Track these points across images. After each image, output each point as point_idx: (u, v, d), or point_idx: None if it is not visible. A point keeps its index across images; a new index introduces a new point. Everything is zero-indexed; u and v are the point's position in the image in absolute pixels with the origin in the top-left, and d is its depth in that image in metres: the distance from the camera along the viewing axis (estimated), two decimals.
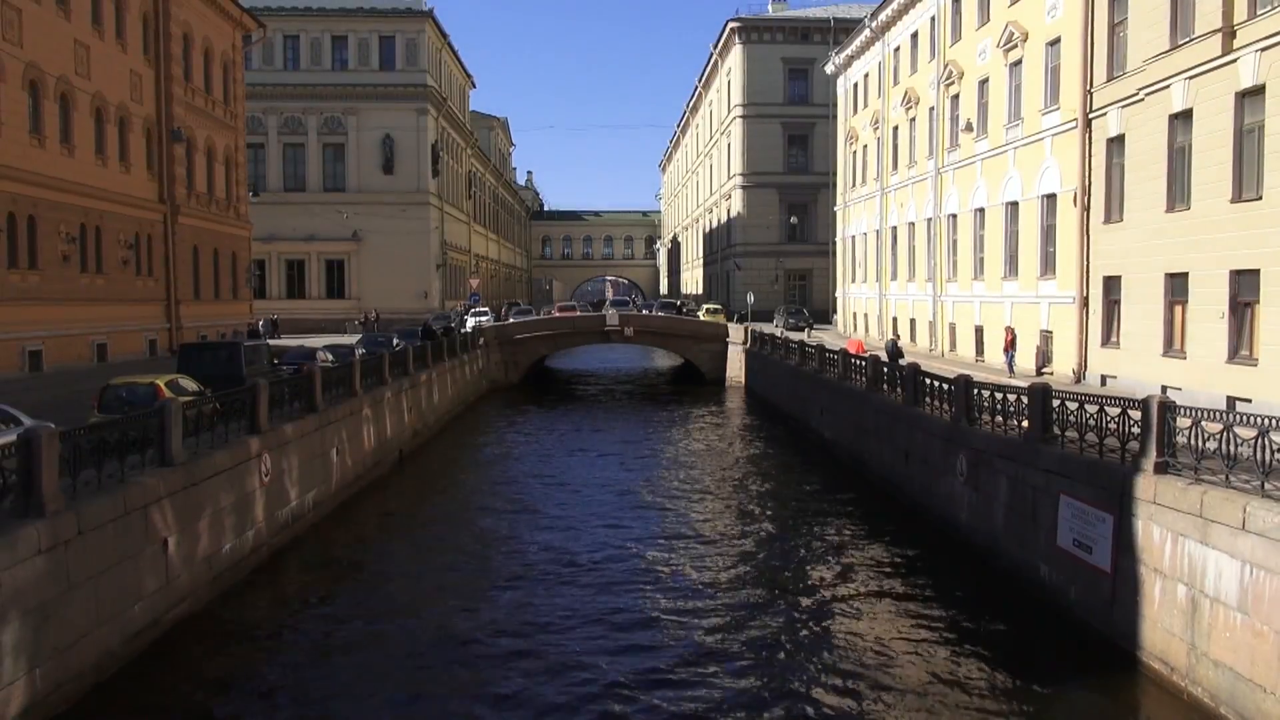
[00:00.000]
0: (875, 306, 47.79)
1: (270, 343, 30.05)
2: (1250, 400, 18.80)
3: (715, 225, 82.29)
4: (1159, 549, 11.69)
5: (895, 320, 44.05)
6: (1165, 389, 20.88)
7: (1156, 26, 22.67)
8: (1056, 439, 14.68)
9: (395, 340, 38.45)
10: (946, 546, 17.80)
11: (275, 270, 63.49)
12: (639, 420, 37.33)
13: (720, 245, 78.87)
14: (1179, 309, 22.08)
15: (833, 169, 59.36)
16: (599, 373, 58.08)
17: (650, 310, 62.65)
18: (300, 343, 40.01)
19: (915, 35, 41.36)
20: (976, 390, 18.00)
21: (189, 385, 19.63)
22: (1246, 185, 19.60)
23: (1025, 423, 15.67)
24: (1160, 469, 11.93)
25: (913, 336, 41.28)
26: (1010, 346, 29.73)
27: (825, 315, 60.82)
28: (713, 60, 78.21)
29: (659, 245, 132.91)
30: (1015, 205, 31.41)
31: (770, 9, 72.01)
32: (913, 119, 41.70)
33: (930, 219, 39.08)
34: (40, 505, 10.83)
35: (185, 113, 40.34)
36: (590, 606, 14.83)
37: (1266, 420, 10.62)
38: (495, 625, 14.13)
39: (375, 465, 25.06)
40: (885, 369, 24.69)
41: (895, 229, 44.51)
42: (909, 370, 21.98)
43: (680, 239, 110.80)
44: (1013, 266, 31.66)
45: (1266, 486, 10.43)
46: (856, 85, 51.75)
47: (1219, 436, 11.09)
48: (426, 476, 26.49)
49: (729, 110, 72.27)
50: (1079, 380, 26.31)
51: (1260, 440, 10.52)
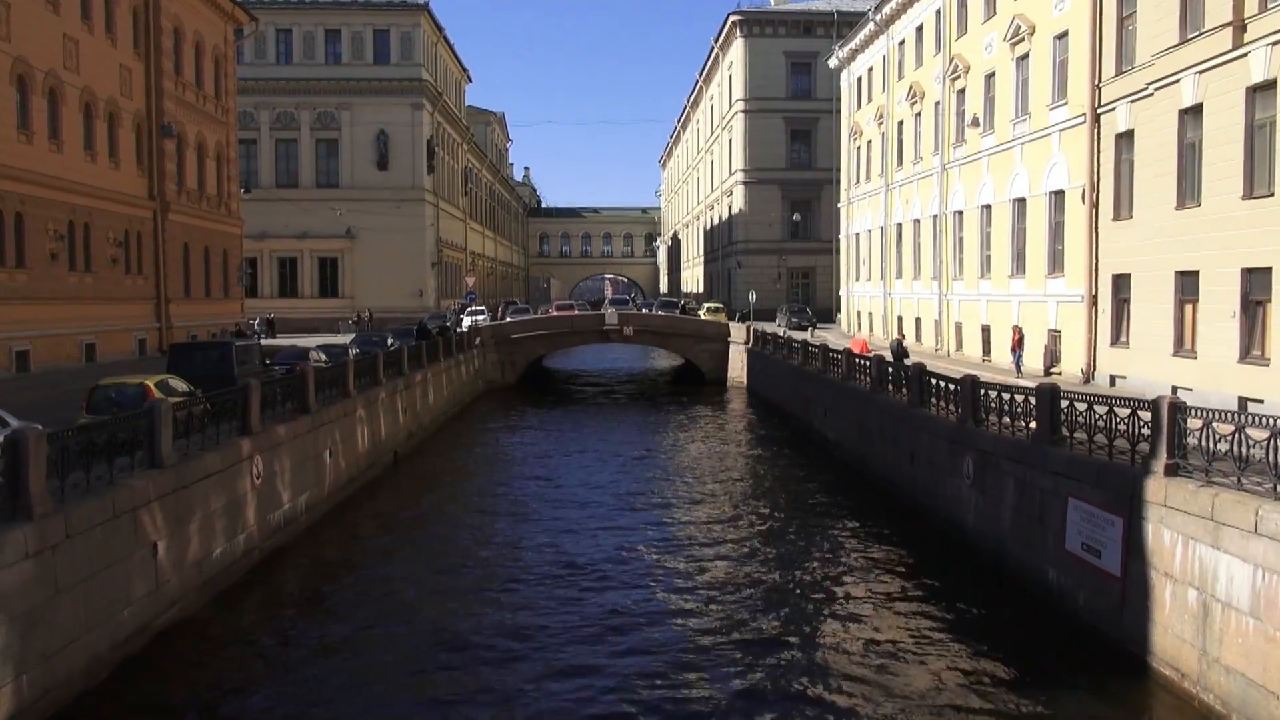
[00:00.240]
0: (880, 305, 47.79)
1: (266, 342, 30.09)
2: (1263, 401, 18.79)
3: (716, 222, 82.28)
4: (1169, 553, 11.68)
5: (900, 319, 44.05)
6: (1176, 389, 20.87)
7: (1166, 20, 22.66)
8: (1065, 440, 14.68)
9: (390, 340, 38.44)
10: (952, 550, 17.79)
11: (267, 268, 63.50)
12: (638, 422, 37.32)
13: (721, 243, 78.87)
14: (1189, 308, 22.08)
15: (836, 165, 59.35)
16: (598, 373, 58.06)
17: (650, 309, 62.65)
18: (293, 342, 40.02)
19: (920, 29, 41.35)
20: (983, 391, 18.00)
21: (179, 386, 19.61)
22: (1258, 182, 19.59)
23: (1033, 424, 15.67)
24: (1171, 471, 11.92)
25: (918, 336, 41.27)
26: (1017, 346, 29.73)
27: (829, 314, 60.81)
28: (713, 54, 78.19)
29: (659, 243, 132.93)
30: (1022, 202, 31.41)
31: (772, 2, 72.00)
32: (918, 114, 41.70)
33: (936, 216, 39.08)
34: (28, 508, 10.82)
35: (176, 108, 40.33)
36: (589, 610, 14.84)
37: (1279, 421, 10.62)
38: (492, 630, 14.12)
39: (369, 467, 25.05)
40: (890, 369, 24.69)
41: (900, 226, 44.51)
42: (914, 370, 21.97)
43: (680, 236, 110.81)
44: (1020, 264, 31.66)
45: (1279, 489, 10.43)
46: (860, 79, 51.74)
47: (1230, 438, 11.08)
48: (422, 479, 26.47)
49: (730, 105, 72.27)
50: (1088, 380, 26.31)
51: (1273, 442, 10.52)
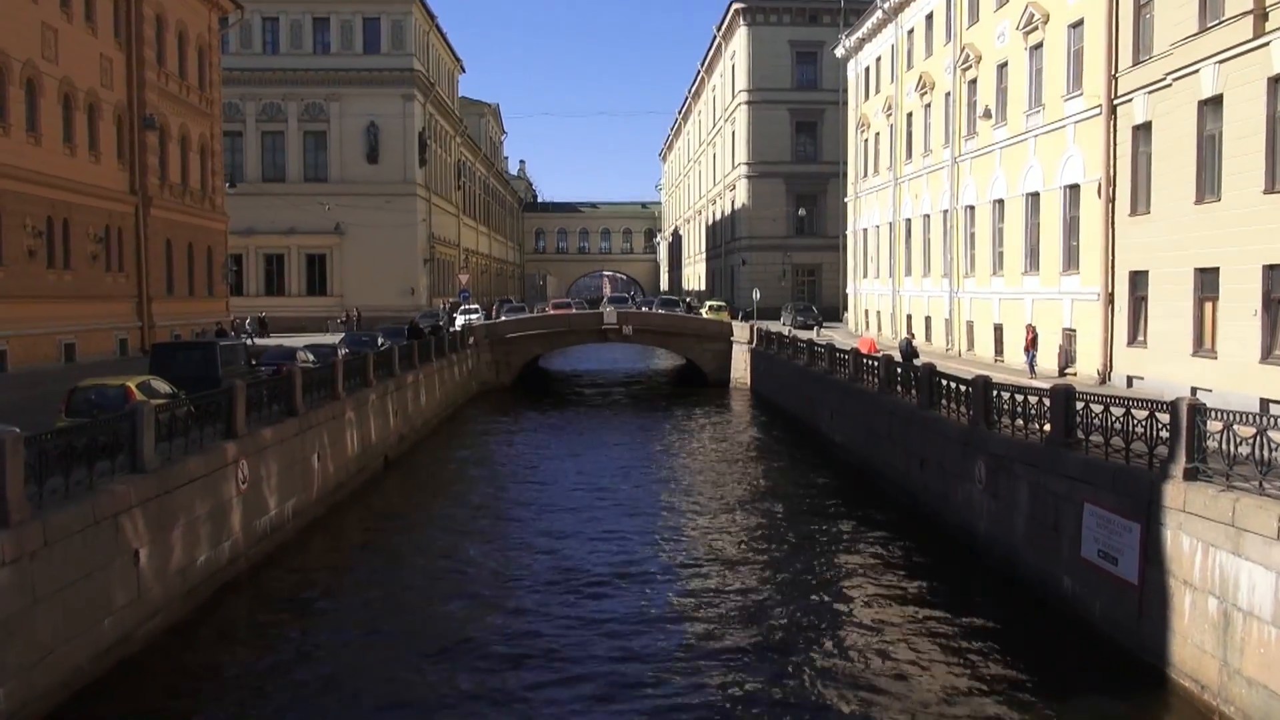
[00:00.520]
0: (888, 303, 47.80)
1: (259, 342, 30.01)
2: None
3: (719, 218, 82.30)
4: (1189, 560, 11.68)
5: (909, 318, 44.06)
6: (1195, 390, 20.86)
7: (1184, 8, 22.65)
8: (1080, 444, 14.67)
9: (380, 339, 38.43)
10: (964, 557, 17.80)
11: (253, 265, 63.45)
12: (638, 424, 37.31)
13: (724, 239, 78.89)
14: (1209, 306, 22.07)
15: (843, 158, 59.34)
16: (596, 374, 58.06)
17: (650, 308, 62.64)
18: (279, 342, 39.99)
19: (930, 16, 41.36)
20: (996, 392, 17.99)
21: (162, 387, 19.60)
22: None
23: (1047, 426, 15.66)
24: (1190, 475, 11.92)
25: (928, 335, 41.28)
26: (1031, 346, 29.74)
27: (835, 313, 60.81)
28: (716, 43, 78.20)
29: (659, 239, 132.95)
30: (1036, 196, 31.42)
31: None
32: (928, 105, 41.70)
33: (946, 211, 39.08)
34: (5, 515, 10.80)
35: (158, 99, 40.31)
36: (587, 619, 14.83)
37: None
38: (487, 640, 14.11)
39: (359, 472, 25.04)
40: (899, 370, 24.68)
41: (909, 221, 44.51)
42: (924, 371, 21.98)
43: (682, 232, 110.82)
44: (1034, 261, 31.67)
45: None
46: (868, 69, 51.75)
47: (1252, 441, 11.08)
48: (413, 484, 26.47)
49: (733, 96, 72.28)
50: (1104, 381, 26.32)
51: None
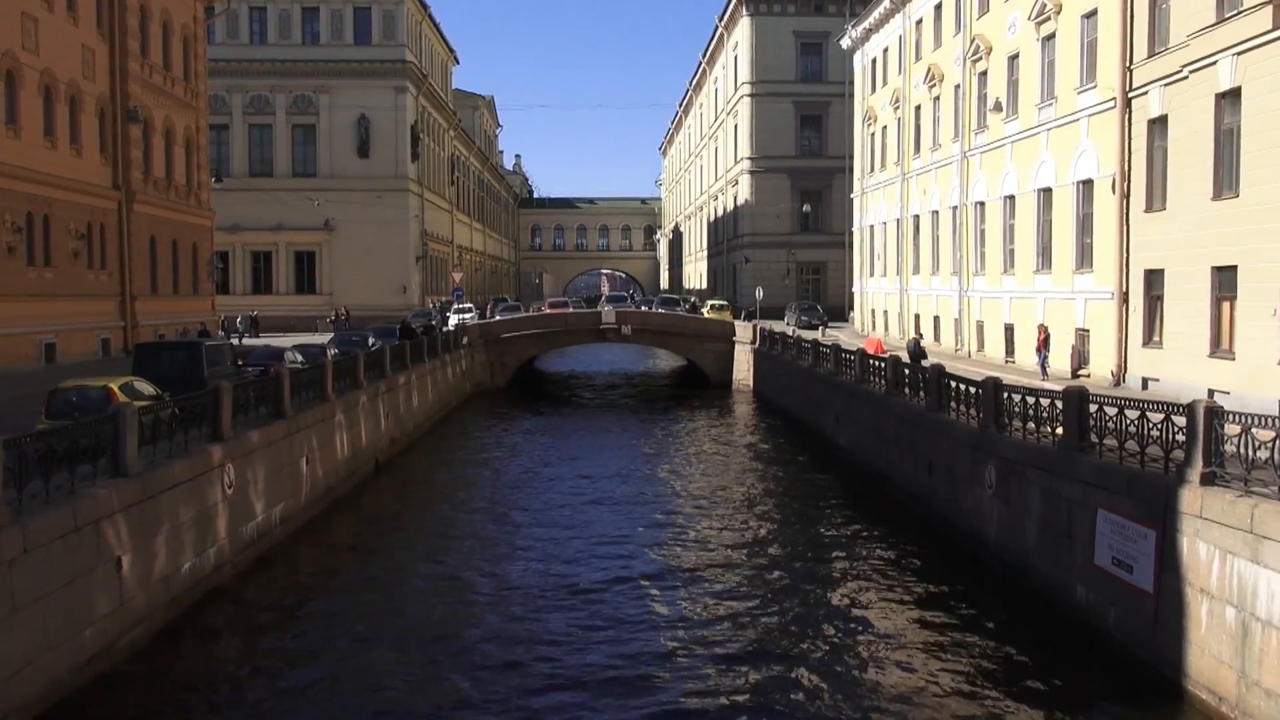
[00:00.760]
0: (896, 302, 47.82)
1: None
2: None
3: (721, 214, 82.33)
4: (1206, 567, 11.68)
5: (917, 318, 44.08)
6: (1212, 392, 20.87)
7: None
8: (1094, 447, 14.68)
9: (371, 339, 38.42)
10: (973, 565, 17.80)
11: (240, 263, 63.45)
12: (637, 427, 37.30)
13: (726, 236, 78.91)
14: (1227, 305, 22.08)
15: (849, 153, 59.36)
16: (594, 375, 58.07)
17: (650, 307, 62.65)
18: (267, 342, 39.98)
19: (939, 7, 41.39)
20: (1006, 394, 17.99)
21: (145, 389, 19.59)
22: None
23: (1059, 430, 15.67)
24: (1207, 480, 11.92)
25: (936, 335, 41.29)
26: (1043, 346, 29.75)
27: (841, 312, 60.82)
28: (718, 33, 78.23)
29: (659, 236, 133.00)
30: (1048, 192, 31.43)
31: None
32: (936, 98, 41.73)
33: (955, 207, 39.10)
34: None
35: (142, 91, 40.32)
36: (583, 635, 14.79)
37: None
38: (479, 651, 14.12)
39: (349, 476, 25.03)
40: (907, 371, 24.69)
41: (917, 218, 44.53)
42: (932, 372, 21.98)
43: (683, 229, 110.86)
44: (1046, 259, 31.68)
45: None
46: (875, 61, 51.77)
47: (1271, 444, 11.08)
48: (405, 489, 26.46)
49: (736, 88, 72.31)
50: (1118, 383, 26.33)
51: None
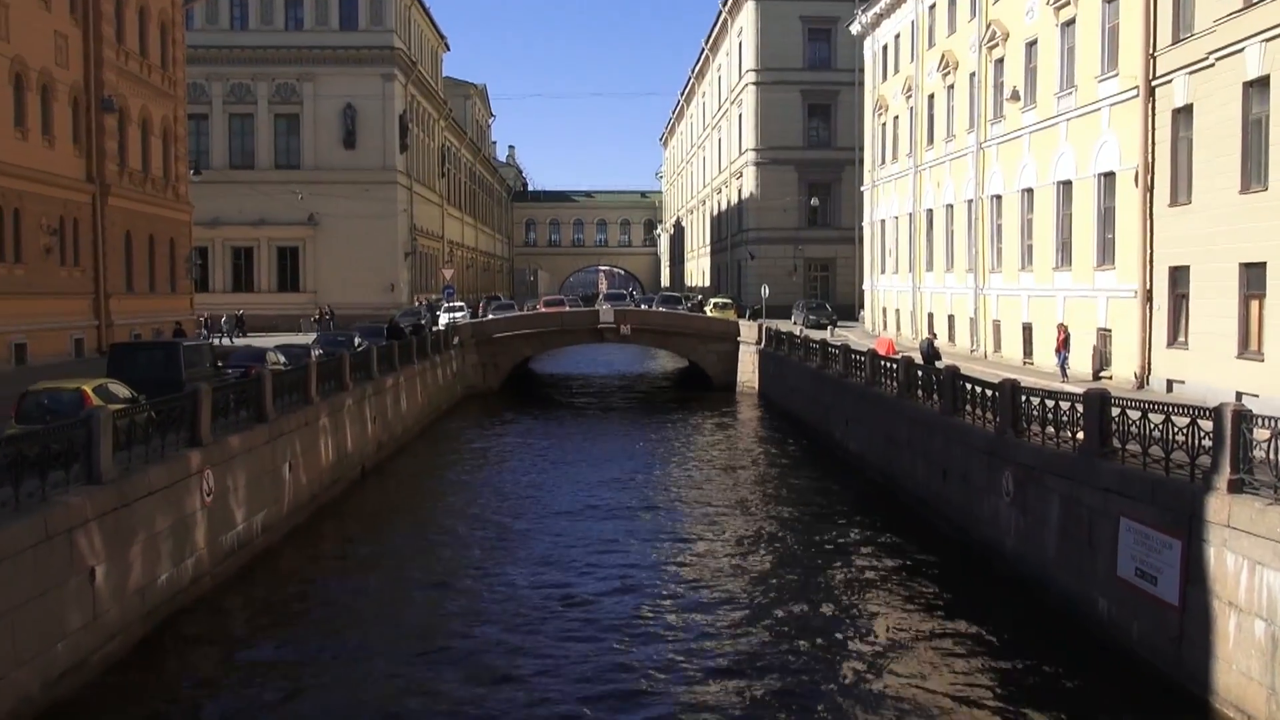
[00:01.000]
0: (908, 301, 47.81)
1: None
2: None
3: (724, 208, 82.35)
4: (1234, 579, 11.67)
5: (931, 317, 44.07)
6: (1240, 396, 20.87)
7: None
8: (1116, 453, 14.67)
9: (357, 340, 38.43)
10: (990, 576, 17.80)
11: (220, 259, 63.48)
12: (637, 432, 37.31)
13: (730, 231, 78.94)
14: (1255, 304, 22.07)
15: (859, 144, 59.34)
16: (591, 377, 58.07)
17: (650, 305, 62.68)
18: (248, 343, 40.00)
19: None
20: (1024, 397, 17.99)
21: (120, 391, 19.60)
22: None
23: (1080, 434, 15.66)
24: (1235, 487, 11.91)
25: (951, 335, 41.29)
26: (1063, 347, 29.73)
27: (851, 311, 60.82)
28: (721, 19, 78.25)
29: (660, 231, 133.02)
30: (1068, 185, 31.42)
31: None
32: (950, 86, 41.73)
33: (971, 201, 39.10)
34: None
35: (117, 79, 40.31)
36: (579, 654, 14.75)
37: None
38: (469, 668, 14.11)
39: (334, 483, 25.02)
40: (919, 373, 24.68)
41: (931, 212, 44.52)
42: (947, 374, 21.97)
43: (684, 223, 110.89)
44: (1065, 255, 31.67)
45: None
46: (886, 48, 51.78)
47: None
48: (392, 496, 26.46)
49: (740, 76, 72.33)
50: (1142, 385, 26.32)
51: None
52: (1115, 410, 14.85)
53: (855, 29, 56.33)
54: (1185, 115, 25.11)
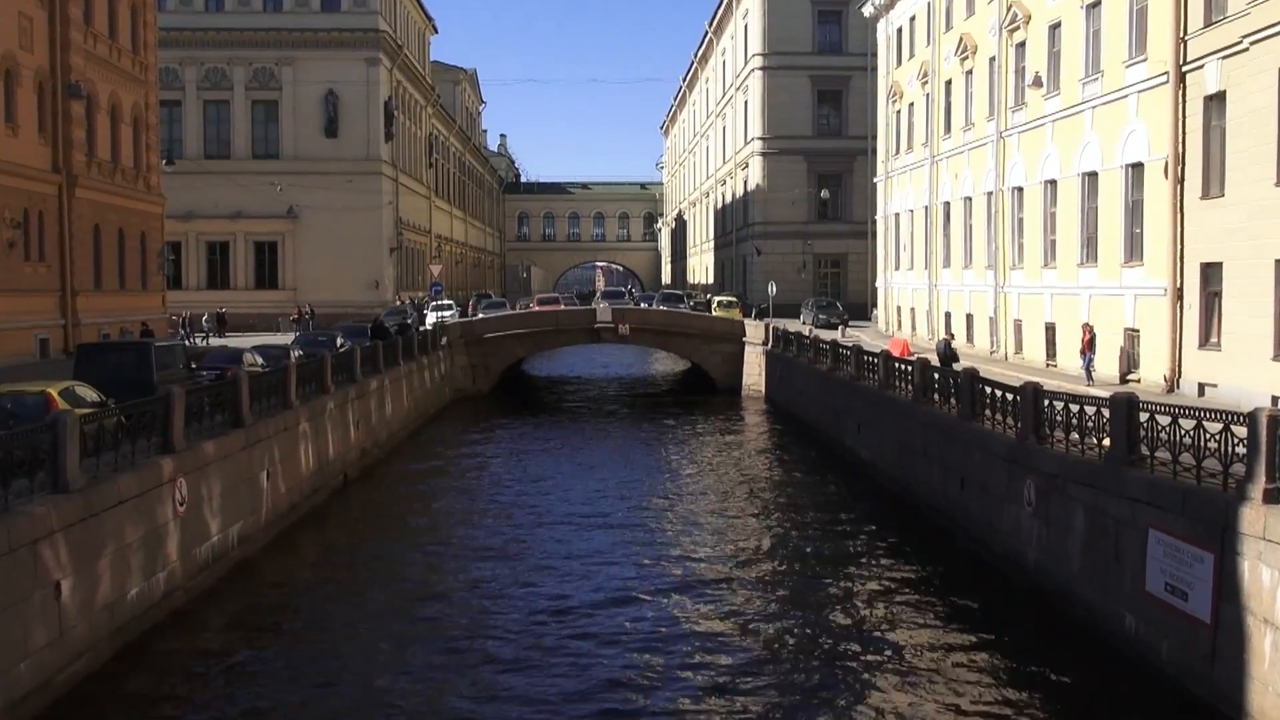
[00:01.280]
0: (924, 299, 47.84)
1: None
2: None
3: (729, 200, 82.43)
4: (1269, 594, 11.67)
5: (948, 316, 44.10)
6: (1276, 400, 20.88)
7: None
8: (1144, 461, 14.68)
9: (339, 340, 38.45)
10: (1010, 590, 17.81)
11: (194, 254, 63.44)
12: (636, 438, 37.33)
13: (735, 225, 79.01)
14: None
15: (872, 133, 59.41)
16: (588, 380, 58.11)
17: (650, 304, 62.71)
18: (223, 343, 40.02)
19: None
20: (1047, 401, 17.99)
21: (88, 394, 19.60)
22: None
23: (1106, 441, 15.67)
24: (1271, 497, 11.91)
25: (969, 336, 41.31)
26: (1088, 348, 29.76)
27: (863, 310, 60.88)
28: (725, 0, 78.33)
29: (660, 225, 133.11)
30: (1094, 176, 31.45)
31: None
32: (969, 72, 41.76)
33: (991, 193, 39.12)
34: None
35: (85, 64, 40.31)
36: (574, 675, 14.72)
37: None
38: (456, 696, 14.10)
39: (314, 492, 25.03)
40: (936, 376, 24.69)
41: (948, 205, 44.55)
42: (965, 377, 21.98)
43: (686, 217, 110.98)
44: (1091, 251, 31.70)
45: None
46: (901, 31, 51.82)
47: None
48: (376, 506, 26.46)
49: (746, 61, 72.39)
50: (1172, 389, 26.34)
51: None
52: (1143, 415, 14.85)
53: (868, 11, 56.39)
54: (1218, 102, 25.12)
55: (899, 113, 52.29)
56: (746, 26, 72.24)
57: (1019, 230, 37.06)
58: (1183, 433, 13.80)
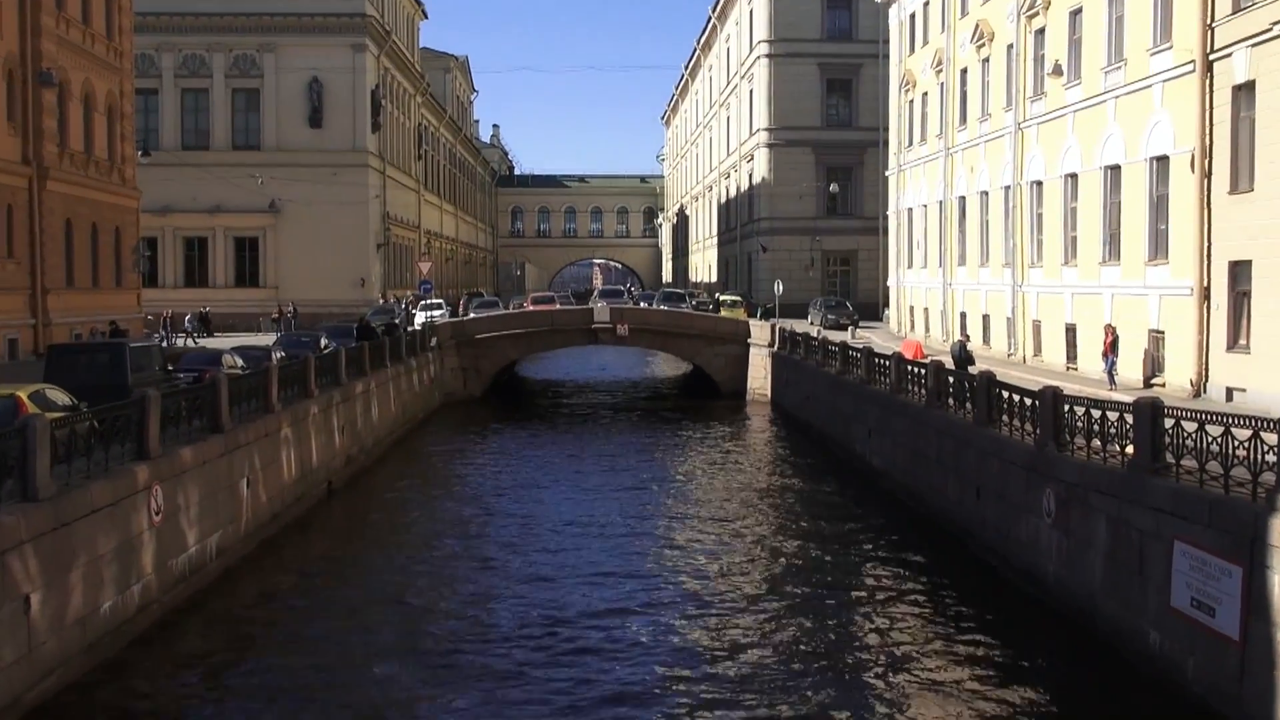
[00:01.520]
0: (938, 299, 47.85)
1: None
2: None
3: (733, 195, 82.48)
4: None
5: (964, 316, 44.12)
6: None
7: None
8: (1170, 469, 14.69)
9: (323, 341, 38.48)
10: (1029, 604, 17.83)
11: (171, 250, 63.43)
12: (634, 444, 37.36)
13: (740, 220, 79.05)
14: None
15: (883, 124, 59.44)
16: (584, 383, 58.12)
17: (650, 303, 62.74)
18: (201, 344, 40.03)
19: None
20: (1067, 406, 17.99)
21: (59, 398, 19.58)
22: None
23: (1130, 448, 15.68)
24: None
25: (986, 337, 41.33)
26: (1110, 350, 29.76)
27: (874, 310, 60.93)
28: None
29: (661, 220, 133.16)
30: (1116, 170, 31.46)
31: None
32: (985, 60, 41.79)
33: (1008, 187, 39.13)
34: None
35: (57, 50, 40.33)
36: (566, 689, 14.72)
37: None
38: (445, 713, 14.11)
39: (297, 500, 25.04)
40: (951, 379, 24.70)
41: (963, 200, 44.58)
42: (981, 381, 22.00)
43: (688, 212, 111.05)
44: (1114, 248, 31.70)
45: None
46: (913, 16, 51.85)
47: None
48: (361, 516, 26.46)
49: (751, 48, 72.43)
50: (1198, 394, 26.35)
51: None
52: (1169, 421, 14.86)
53: None
54: (1247, 93, 25.13)
55: (912, 103, 52.31)
56: (752, 11, 72.24)
57: (1038, 226, 37.06)
58: (1210, 440, 13.80)
